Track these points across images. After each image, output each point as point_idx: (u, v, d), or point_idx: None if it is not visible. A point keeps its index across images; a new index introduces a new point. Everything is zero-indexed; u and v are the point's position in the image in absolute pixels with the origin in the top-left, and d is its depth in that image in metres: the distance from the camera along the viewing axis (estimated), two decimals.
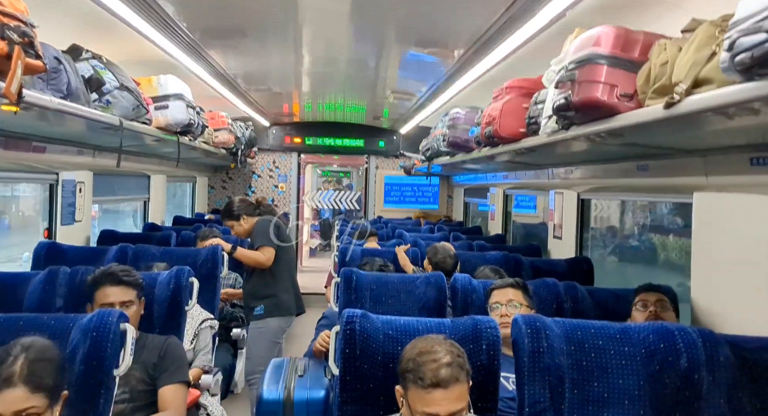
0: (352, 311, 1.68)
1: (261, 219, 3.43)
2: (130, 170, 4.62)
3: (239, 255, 3.33)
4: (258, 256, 3.31)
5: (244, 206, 3.48)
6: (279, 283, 3.37)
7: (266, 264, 3.31)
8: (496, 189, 5.59)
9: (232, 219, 3.45)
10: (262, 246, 3.31)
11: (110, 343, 1.58)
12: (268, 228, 3.36)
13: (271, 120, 7.30)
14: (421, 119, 6.65)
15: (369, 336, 1.64)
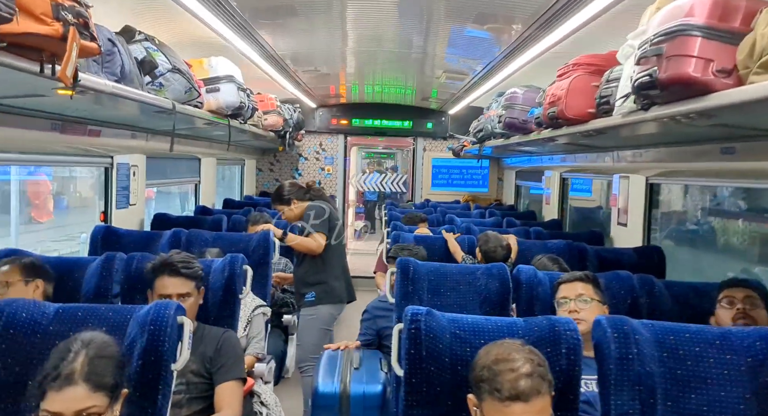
0: (416, 309, 1.56)
1: (312, 205, 3.34)
2: (182, 153, 4.62)
3: (290, 241, 3.27)
4: (309, 243, 3.24)
5: (295, 190, 3.41)
6: (330, 270, 3.30)
7: (317, 251, 3.24)
8: (551, 172, 5.35)
9: (282, 203, 3.39)
10: (314, 231, 3.25)
11: (167, 337, 1.52)
12: (320, 214, 3.27)
13: (317, 102, 7.22)
14: (473, 99, 6.43)
15: (435, 336, 1.52)
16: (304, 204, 3.39)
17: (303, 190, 3.45)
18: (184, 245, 3.12)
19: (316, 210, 3.28)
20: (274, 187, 7.61)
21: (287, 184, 3.47)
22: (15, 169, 7.43)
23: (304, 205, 3.38)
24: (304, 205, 3.38)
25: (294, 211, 3.37)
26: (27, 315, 1.53)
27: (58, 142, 2.79)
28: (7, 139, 2.43)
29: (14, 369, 1.48)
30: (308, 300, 3.25)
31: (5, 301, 1.55)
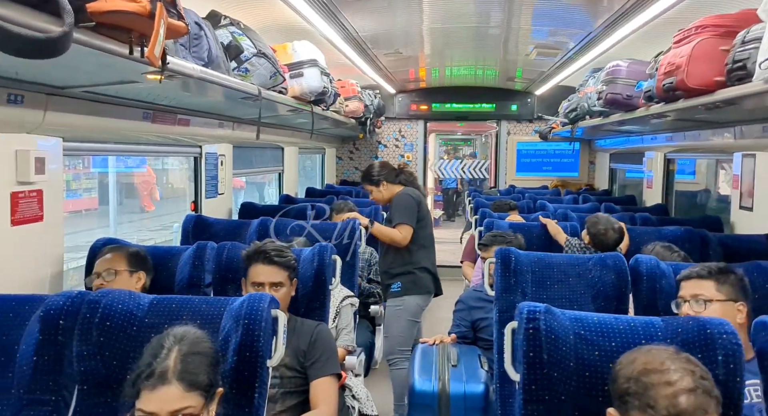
0: (533, 306, 1.37)
1: (402, 193, 3.17)
2: (266, 142, 4.63)
3: (376, 231, 3.14)
4: (394, 235, 3.09)
5: (385, 172, 3.25)
6: (416, 261, 3.15)
7: (402, 244, 3.09)
8: (654, 153, 4.90)
9: (371, 184, 3.25)
10: (401, 223, 3.08)
11: (262, 332, 1.42)
12: (409, 205, 3.10)
13: (397, 87, 7.06)
14: (563, 78, 6.04)
15: (557, 337, 1.32)
16: (393, 187, 3.23)
17: (394, 172, 3.28)
18: (273, 234, 3.08)
19: (405, 200, 3.12)
20: (354, 175, 7.67)
21: (377, 163, 3.32)
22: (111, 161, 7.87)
23: (393, 188, 3.23)
24: (393, 188, 3.23)
25: (383, 194, 3.23)
26: (123, 307, 1.49)
27: (150, 132, 2.81)
28: (103, 128, 2.45)
29: (112, 362, 1.44)
30: (394, 291, 3.11)
31: (101, 292, 1.51)
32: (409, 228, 3.08)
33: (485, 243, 2.79)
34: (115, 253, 2.21)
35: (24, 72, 1.79)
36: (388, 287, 3.16)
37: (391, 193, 3.20)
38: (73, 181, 8.82)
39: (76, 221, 7.21)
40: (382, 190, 3.22)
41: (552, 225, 3.08)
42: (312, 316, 2.21)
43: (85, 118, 2.30)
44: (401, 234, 3.07)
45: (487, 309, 2.61)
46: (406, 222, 3.07)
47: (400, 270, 3.11)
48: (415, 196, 3.17)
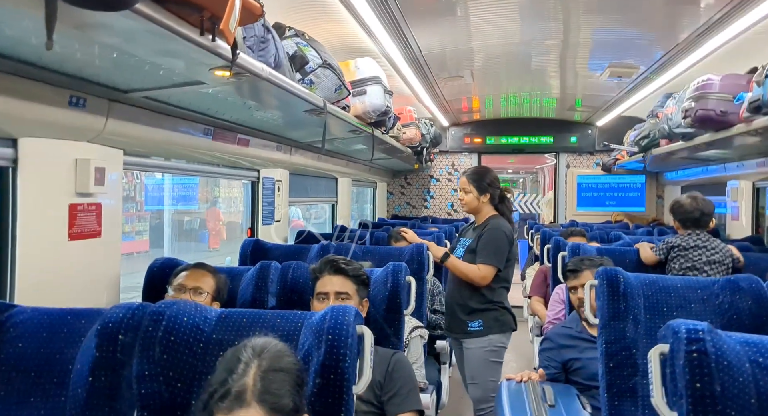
0: (691, 324, 1.08)
1: (499, 226, 2.75)
2: (321, 171, 4.49)
3: (451, 266, 2.79)
4: (473, 274, 2.71)
5: (496, 186, 2.85)
6: (498, 300, 2.79)
7: (479, 285, 2.73)
8: (738, 182, 4.50)
9: (477, 187, 2.82)
10: (488, 264, 2.70)
11: (348, 350, 1.18)
12: (503, 245, 2.72)
13: (450, 119, 6.91)
14: (627, 107, 5.76)
15: (730, 365, 1.02)
16: (489, 207, 2.84)
17: (499, 192, 2.87)
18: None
19: (500, 239, 2.73)
20: (404, 210, 7.46)
21: (493, 174, 2.88)
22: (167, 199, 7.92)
23: (488, 208, 2.84)
24: (488, 208, 2.84)
25: (477, 205, 2.82)
26: (189, 320, 1.28)
27: (210, 150, 2.69)
28: (164, 141, 2.33)
29: (176, 384, 1.22)
30: (474, 330, 2.75)
31: (166, 303, 1.31)
32: (492, 271, 2.71)
33: (574, 269, 2.47)
34: (206, 272, 2.04)
35: (86, 70, 1.68)
36: (464, 324, 2.78)
37: (481, 211, 2.84)
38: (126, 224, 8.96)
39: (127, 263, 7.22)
40: (481, 200, 2.82)
41: (645, 249, 2.74)
42: (385, 345, 1.95)
43: (146, 130, 2.18)
44: (481, 274, 2.70)
45: (580, 349, 2.29)
46: (493, 263, 2.70)
47: (481, 306, 2.75)
48: (509, 234, 2.79)
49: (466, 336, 2.76)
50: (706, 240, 2.66)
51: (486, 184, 2.83)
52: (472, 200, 2.84)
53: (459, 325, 2.80)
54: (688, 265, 2.59)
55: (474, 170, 2.92)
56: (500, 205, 2.87)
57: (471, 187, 2.84)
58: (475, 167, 2.98)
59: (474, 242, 2.78)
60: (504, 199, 2.88)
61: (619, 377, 1.73)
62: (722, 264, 2.60)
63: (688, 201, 2.83)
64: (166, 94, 2.02)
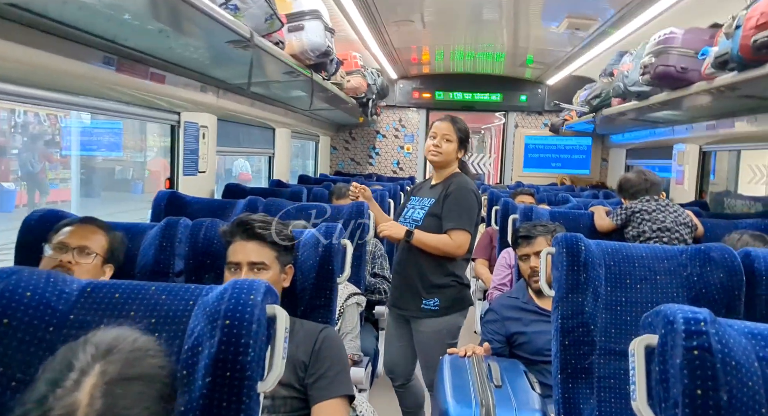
0: (692, 312, 0.85)
1: (466, 185, 2.37)
2: (255, 118, 4.08)
3: (418, 242, 2.33)
4: (447, 245, 2.30)
5: (467, 134, 2.46)
6: (459, 274, 2.42)
7: (456, 255, 2.34)
8: (685, 146, 4.44)
9: (458, 138, 2.41)
10: (459, 229, 2.31)
11: (252, 339, 0.90)
12: (472, 205, 2.34)
13: (399, 71, 6.55)
14: (579, 66, 5.59)
15: (739, 366, 0.81)
16: (455, 165, 2.45)
17: (466, 148, 2.49)
18: None
19: (469, 199, 2.34)
20: (349, 167, 7.13)
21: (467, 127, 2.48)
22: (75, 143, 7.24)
23: (454, 165, 2.45)
24: (454, 165, 2.45)
25: (452, 155, 2.40)
26: (34, 295, 0.95)
27: (114, 84, 2.26)
28: (50, 69, 1.90)
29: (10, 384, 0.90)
30: (431, 310, 2.37)
31: (6, 271, 0.97)
32: (467, 237, 2.32)
33: (527, 235, 2.25)
34: (95, 228, 1.67)
35: None
36: (419, 300, 2.38)
37: (449, 167, 2.44)
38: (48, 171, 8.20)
39: None
40: (457, 152, 2.42)
41: (600, 214, 2.57)
42: (314, 318, 1.69)
43: (24, 51, 1.76)
44: (456, 244, 2.30)
45: (526, 322, 2.11)
46: (464, 227, 2.31)
47: (441, 281, 2.37)
48: (478, 194, 2.42)
49: (420, 315, 2.40)
50: (666, 204, 2.53)
51: (465, 137, 2.46)
52: (452, 152, 2.40)
53: (411, 302, 2.41)
54: (659, 227, 2.44)
55: (458, 118, 2.49)
56: (463, 166, 2.54)
57: (455, 137, 2.40)
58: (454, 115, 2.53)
59: (437, 204, 2.37)
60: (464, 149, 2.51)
61: (574, 356, 1.54)
62: (687, 225, 2.48)
63: (634, 175, 2.71)
64: (53, 9, 1.60)
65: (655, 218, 2.45)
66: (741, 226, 2.43)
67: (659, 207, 2.49)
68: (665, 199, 2.57)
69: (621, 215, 2.53)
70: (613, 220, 2.53)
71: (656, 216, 2.45)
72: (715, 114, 3.65)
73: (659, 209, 2.48)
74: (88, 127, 8.01)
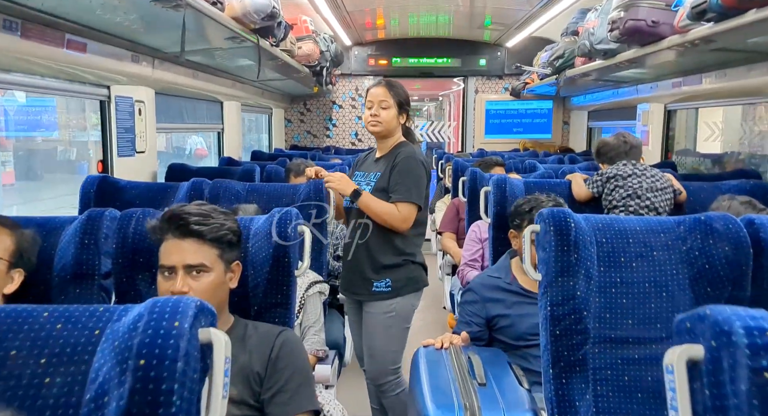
0: (752, 318, 0.66)
1: (412, 154, 2.16)
2: (200, 90, 3.74)
3: (364, 205, 2.13)
4: (392, 215, 2.11)
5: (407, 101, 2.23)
6: (411, 251, 2.21)
7: (399, 228, 2.13)
8: (649, 105, 4.34)
9: (398, 103, 2.18)
10: (405, 201, 2.11)
11: (178, 383, 0.67)
12: (419, 175, 2.14)
13: (353, 37, 6.22)
14: (538, 27, 5.40)
15: None
16: (399, 133, 2.23)
17: (408, 112, 2.25)
18: (208, 200, 2.27)
19: (416, 168, 2.14)
20: (306, 140, 6.82)
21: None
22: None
23: (398, 133, 2.23)
24: (398, 133, 2.23)
25: (393, 123, 2.18)
26: None
27: (19, 53, 1.93)
28: None
29: None
30: (381, 292, 2.16)
31: None
32: (413, 210, 2.13)
33: (525, 211, 1.97)
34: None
35: None
36: (369, 283, 2.17)
37: (392, 136, 2.22)
38: None
39: None
40: (398, 119, 2.19)
41: (578, 182, 2.41)
42: (271, 319, 1.47)
43: None
44: (401, 217, 2.11)
45: (508, 303, 1.94)
46: (413, 200, 2.12)
47: (392, 261, 2.16)
48: (426, 163, 2.20)
49: (369, 297, 2.19)
50: (644, 168, 2.38)
51: (404, 101, 2.22)
52: (392, 119, 2.18)
53: (361, 284, 2.19)
54: (628, 193, 2.29)
55: (393, 81, 2.28)
56: (411, 133, 2.31)
57: (392, 102, 2.18)
58: (389, 78, 2.33)
59: (384, 177, 2.18)
60: (407, 117, 2.26)
61: (567, 347, 1.37)
62: (665, 191, 2.34)
63: (613, 138, 2.55)
64: None
65: (628, 184, 2.31)
66: (724, 189, 2.32)
67: (635, 171, 2.35)
68: (643, 162, 2.43)
69: (597, 182, 2.37)
70: (590, 188, 2.37)
71: (630, 183, 2.31)
72: (682, 70, 3.53)
73: (635, 174, 2.33)
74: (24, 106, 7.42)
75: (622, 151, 2.42)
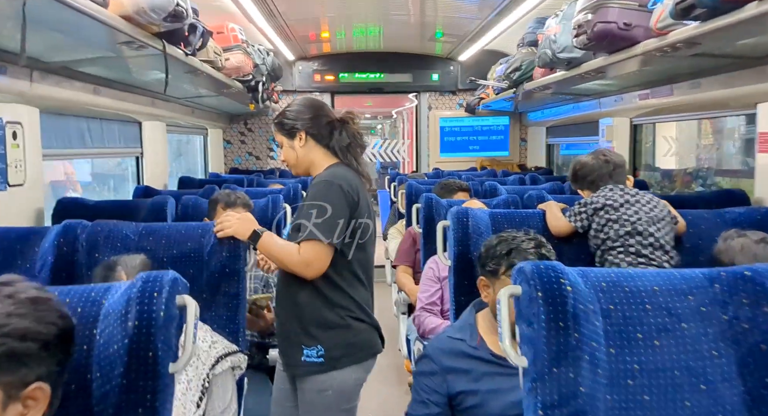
0: None
1: (330, 177, 1.72)
2: (108, 109, 3.18)
3: (264, 249, 1.72)
4: (290, 257, 1.67)
5: (313, 117, 1.79)
6: (348, 304, 1.72)
7: (303, 274, 1.67)
8: (612, 119, 4.05)
9: (282, 131, 1.81)
10: (307, 239, 1.65)
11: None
12: (336, 203, 1.67)
13: (297, 52, 5.77)
14: (492, 39, 5.08)
15: None
16: (319, 152, 1.80)
17: (328, 123, 1.80)
18: (85, 249, 1.74)
19: (326, 196, 1.68)
20: (247, 162, 6.29)
21: (305, 101, 1.85)
22: None
23: (318, 154, 1.80)
24: (318, 154, 1.80)
25: (297, 155, 1.79)
26: None
27: None
28: None
29: None
30: (312, 363, 1.68)
31: None
32: (320, 250, 1.65)
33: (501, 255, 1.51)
34: None
35: None
36: (298, 350, 1.69)
37: (315, 164, 1.81)
38: None
39: None
40: (298, 147, 1.79)
41: (554, 213, 1.97)
42: None
43: None
44: (301, 259, 1.65)
45: (476, 375, 1.49)
46: (318, 237, 1.64)
47: (324, 318, 1.69)
48: (351, 183, 1.74)
49: (299, 369, 1.72)
50: (635, 193, 1.97)
51: (290, 121, 1.79)
52: (288, 153, 1.81)
53: (291, 352, 1.72)
54: (626, 230, 1.86)
55: (274, 120, 1.87)
56: (338, 141, 1.80)
57: (281, 137, 1.82)
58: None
59: (296, 215, 1.77)
60: (341, 126, 1.79)
61: None
62: (666, 222, 1.92)
63: (591, 158, 2.11)
64: None
65: (623, 217, 1.88)
66: (728, 218, 1.94)
67: (627, 198, 1.93)
68: (632, 186, 2.04)
69: (581, 215, 1.94)
70: (572, 222, 1.94)
71: (625, 214, 1.89)
72: (651, 80, 3.23)
73: (628, 202, 1.92)
74: None
75: (605, 173, 2.02)
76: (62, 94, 2.54)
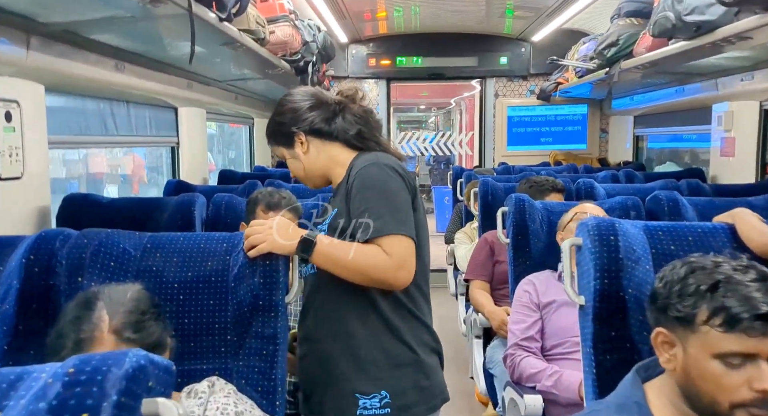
0: None
1: (376, 161, 1.29)
2: (135, 90, 2.73)
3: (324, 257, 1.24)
4: (378, 261, 1.20)
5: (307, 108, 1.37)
6: (419, 314, 1.29)
7: (394, 284, 1.23)
8: (728, 104, 3.31)
9: (279, 141, 1.42)
10: (390, 234, 1.21)
11: None
12: (399, 188, 1.26)
13: (350, 33, 5.23)
14: (573, 14, 4.40)
15: None
16: (329, 149, 1.38)
17: (328, 110, 1.38)
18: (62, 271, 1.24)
19: (385, 181, 1.26)
20: None
21: (282, 99, 1.42)
22: None
23: (329, 150, 1.38)
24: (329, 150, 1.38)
25: (303, 164, 1.39)
26: None
27: None
28: None
29: None
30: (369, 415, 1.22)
31: None
32: (407, 245, 1.22)
33: (701, 292, 0.90)
34: None
35: None
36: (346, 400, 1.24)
37: (326, 165, 1.39)
38: None
39: None
40: (301, 154, 1.38)
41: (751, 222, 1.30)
42: None
43: None
44: (393, 262, 1.20)
45: None
46: (401, 231, 1.22)
47: (389, 353, 1.23)
48: (401, 168, 1.32)
49: None
50: None
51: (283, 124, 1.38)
52: (296, 165, 1.42)
53: (336, 404, 1.25)
54: None
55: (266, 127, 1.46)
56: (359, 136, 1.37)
57: (280, 149, 1.43)
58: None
59: (340, 211, 1.31)
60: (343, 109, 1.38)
61: None
62: None
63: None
64: None
65: None
66: None
67: None
68: None
69: None
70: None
71: None
72: None
73: None
74: None
75: None
76: (72, 68, 2.08)
